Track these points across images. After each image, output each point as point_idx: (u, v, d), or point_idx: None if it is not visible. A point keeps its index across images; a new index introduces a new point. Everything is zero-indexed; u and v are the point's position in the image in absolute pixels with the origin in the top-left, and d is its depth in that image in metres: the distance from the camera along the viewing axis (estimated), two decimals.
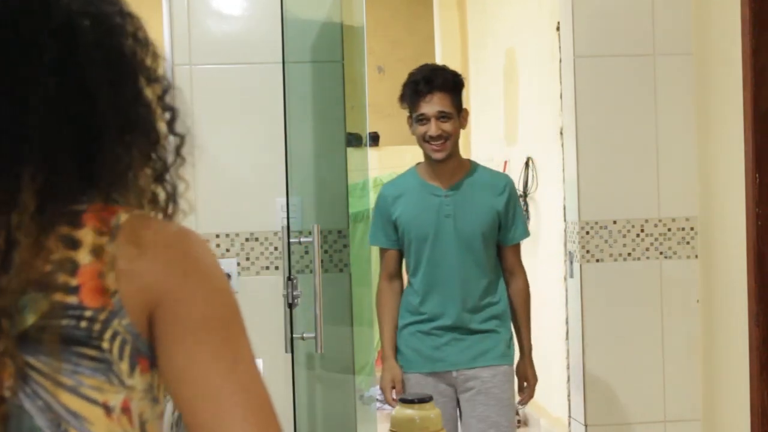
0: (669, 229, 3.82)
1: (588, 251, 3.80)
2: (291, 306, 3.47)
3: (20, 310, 1.04)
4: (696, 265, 3.82)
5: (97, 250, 1.07)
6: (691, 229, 3.82)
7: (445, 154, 3.48)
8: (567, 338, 4.70)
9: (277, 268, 3.66)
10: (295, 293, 3.40)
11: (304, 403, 3.63)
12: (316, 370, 3.75)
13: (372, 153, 7.45)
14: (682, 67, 3.81)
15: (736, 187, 3.50)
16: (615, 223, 3.81)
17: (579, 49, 3.80)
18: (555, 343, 5.69)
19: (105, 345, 1.06)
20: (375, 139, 8.07)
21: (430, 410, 2.16)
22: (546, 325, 5.90)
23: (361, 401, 3.78)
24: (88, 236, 1.07)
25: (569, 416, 4.13)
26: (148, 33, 1.17)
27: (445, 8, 7.98)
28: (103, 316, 1.06)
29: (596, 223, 3.80)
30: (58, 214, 1.08)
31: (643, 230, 3.81)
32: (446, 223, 3.50)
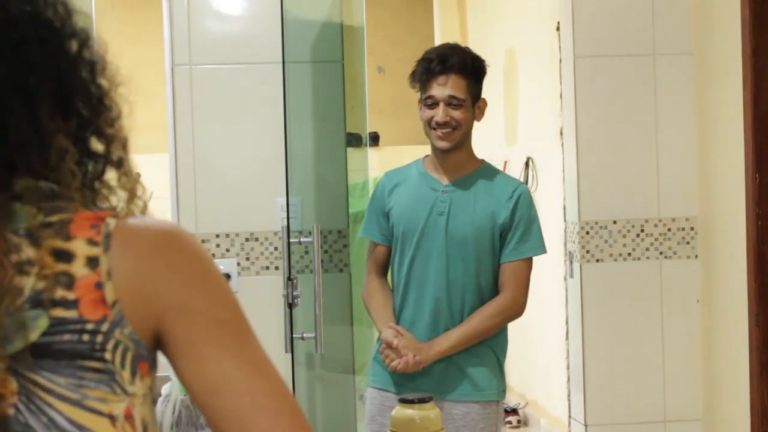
0: (669, 229, 3.82)
1: (588, 251, 3.80)
2: (291, 306, 3.47)
3: (20, 328, 1.03)
4: (696, 265, 3.82)
5: (92, 262, 1.05)
6: (691, 229, 3.82)
7: (450, 144, 3.06)
8: (567, 338, 4.70)
9: (277, 268, 3.66)
10: (295, 293, 3.40)
11: (304, 403, 3.64)
12: (316, 370, 3.75)
13: (372, 153, 7.44)
14: (682, 67, 3.81)
15: (736, 187, 3.50)
16: (615, 223, 3.81)
17: (579, 49, 3.80)
18: (555, 343, 5.69)
19: (108, 356, 1.06)
20: (375, 139, 8.06)
21: (430, 410, 2.16)
22: (546, 325, 5.90)
23: (361, 401, 3.78)
24: (80, 248, 1.06)
25: (569, 416, 4.13)
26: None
27: (445, 8, 7.99)
28: (105, 327, 1.05)
29: (596, 223, 3.81)
30: (54, 228, 1.06)
31: (643, 230, 3.81)
32: (438, 222, 3.08)
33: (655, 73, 3.81)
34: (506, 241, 3.08)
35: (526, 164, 6.18)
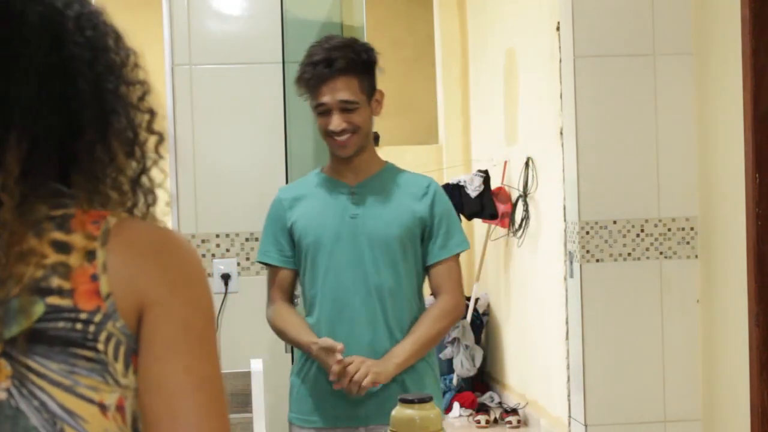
0: (669, 229, 3.82)
1: (588, 251, 3.80)
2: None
3: (16, 313, 1.06)
4: (696, 265, 3.82)
5: (89, 255, 1.09)
6: (691, 229, 3.82)
7: (352, 150, 2.80)
8: (567, 338, 4.70)
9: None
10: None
11: None
12: None
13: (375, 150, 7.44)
14: (682, 67, 3.81)
15: (736, 187, 3.50)
16: (615, 223, 3.81)
17: (579, 49, 3.80)
18: (555, 343, 5.69)
19: (100, 347, 1.09)
20: (375, 139, 8.05)
21: (430, 410, 2.16)
22: (546, 325, 5.90)
23: None
24: (79, 241, 1.10)
25: (569, 416, 4.13)
26: (128, 41, 1.21)
27: (445, 8, 7.99)
28: (98, 318, 1.09)
29: (596, 223, 3.81)
30: (39, 186, 1.11)
31: (643, 230, 3.81)
32: (352, 226, 2.78)
33: (655, 73, 3.81)
34: (430, 240, 2.81)
35: (526, 164, 6.18)
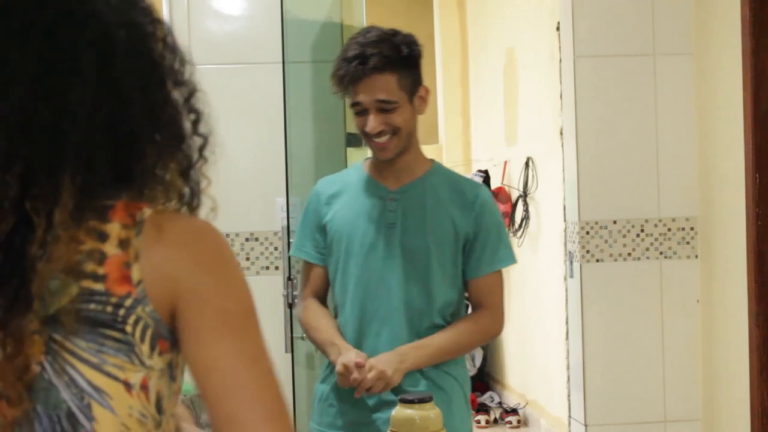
0: (669, 229, 3.82)
1: (588, 251, 3.80)
2: (291, 306, 3.48)
3: (52, 293, 1.13)
4: (696, 265, 3.82)
5: (124, 243, 1.16)
6: (691, 229, 3.82)
7: (392, 153, 2.57)
8: (567, 338, 4.70)
9: (277, 268, 3.66)
10: (295, 293, 3.40)
11: (304, 403, 3.63)
12: (316, 370, 3.75)
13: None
14: (682, 67, 3.81)
15: (736, 187, 3.50)
16: (615, 223, 3.81)
17: (579, 49, 3.80)
18: (555, 343, 5.69)
19: (128, 329, 1.15)
20: None
21: (431, 410, 2.16)
22: (546, 325, 5.90)
23: None
24: (115, 229, 1.16)
25: (569, 416, 4.13)
26: (176, 38, 1.27)
27: (445, 8, 7.99)
28: (128, 302, 1.15)
29: (596, 223, 3.81)
30: (92, 210, 1.17)
31: (643, 230, 3.81)
32: (389, 235, 2.58)
33: (655, 73, 3.81)
34: (474, 253, 2.60)
35: (526, 164, 6.18)
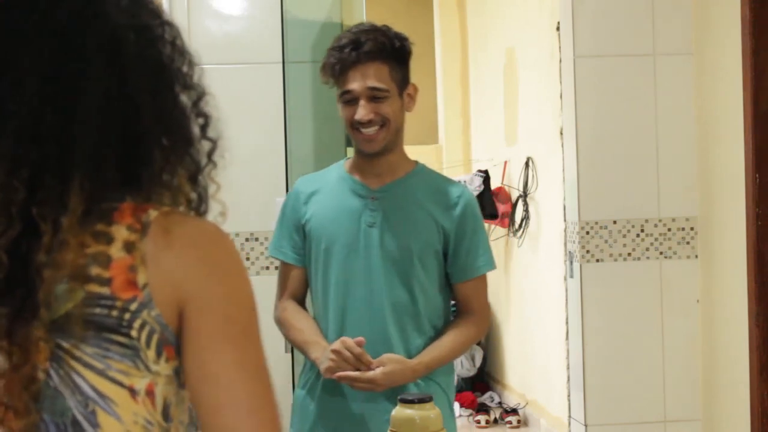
0: (669, 229, 3.82)
1: (588, 251, 3.80)
2: None
3: (57, 299, 1.11)
4: (696, 265, 3.82)
5: (129, 246, 1.14)
6: (691, 229, 3.82)
7: (379, 146, 2.53)
8: (567, 338, 4.70)
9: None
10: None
11: None
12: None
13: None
14: (682, 67, 3.81)
15: (736, 187, 3.50)
16: (615, 223, 3.81)
17: (579, 49, 3.80)
18: (555, 343, 5.69)
19: (134, 333, 1.13)
20: None
21: (430, 410, 2.16)
22: (546, 325, 5.90)
23: None
24: (120, 232, 1.14)
25: (569, 416, 4.13)
26: (184, 41, 1.26)
27: (445, 8, 7.99)
28: (133, 306, 1.13)
29: (596, 223, 3.80)
30: (98, 213, 1.15)
31: (643, 230, 3.81)
32: (369, 235, 2.53)
33: (655, 73, 3.81)
34: (460, 256, 2.57)
35: (526, 164, 6.18)
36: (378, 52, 2.49)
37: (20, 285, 1.11)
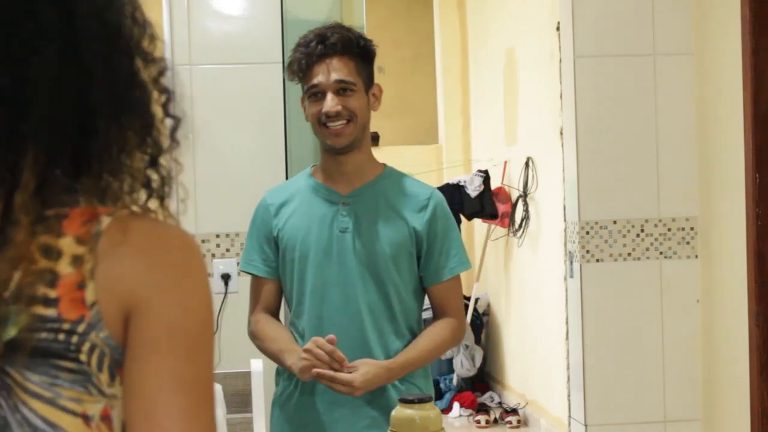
0: (669, 229, 3.82)
1: (588, 251, 3.80)
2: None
3: (3, 323, 1.02)
4: (696, 265, 3.82)
5: (77, 260, 1.03)
6: (691, 229, 3.82)
7: (347, 141, 2.52)
8: (567, 338, 4.70)
9: None
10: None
11: None
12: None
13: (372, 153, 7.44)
14: (682, 67, 3.81)
15: (736, 187, 3.50)
16: (615, 223, 3.81)
17: (579, 49, 3.80)
18: (555, 343, 5.69)
19: (83, 357, 1.03)
20: (375, 139, 8.06)
21: (430, 410, 2.16)
22: (546, 325, 5.90)
23: None
24: (69, 245, 1.04)
25: (569, 416, 4.14)
26: (146, 14, 1.13)
27: (445, 8, 7.99)
28: (81, 328, 1.03)
29: (596, 223, 3.81)
30: (53, 195, 1.05)
31: (643, 230, 3.82)
32: (341, 241, 2.53)
33: (655, 73, 3.81)
34: (432, 258, 2.56)
35: (526, 164, 6.18)
36: (344, 45, 2.50)
37: None
